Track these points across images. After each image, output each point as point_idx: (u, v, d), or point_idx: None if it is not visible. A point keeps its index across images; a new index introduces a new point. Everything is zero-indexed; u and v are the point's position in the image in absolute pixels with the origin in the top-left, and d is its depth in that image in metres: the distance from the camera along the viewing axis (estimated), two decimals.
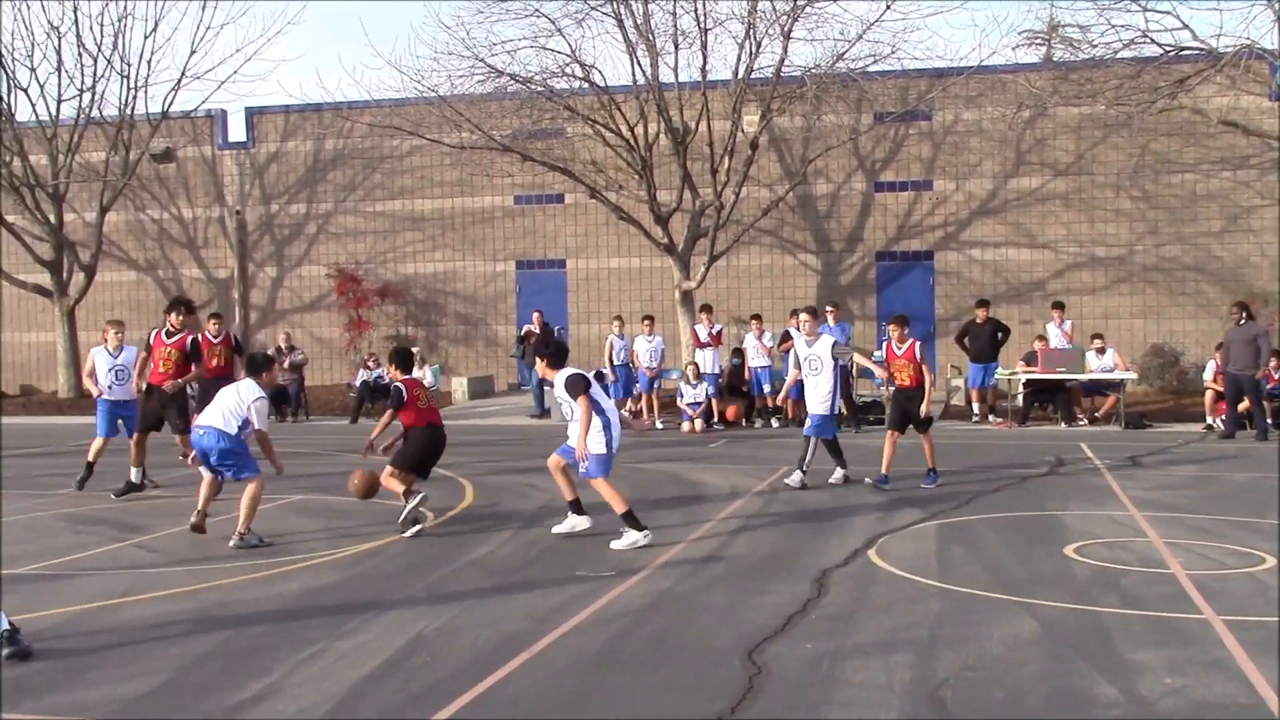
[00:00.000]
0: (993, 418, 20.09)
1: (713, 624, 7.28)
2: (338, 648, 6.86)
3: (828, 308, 20.48)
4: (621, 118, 22.32)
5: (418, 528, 10.41)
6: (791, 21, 21.42)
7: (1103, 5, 20.08)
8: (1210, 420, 18.63)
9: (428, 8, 54.08)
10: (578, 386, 9.89)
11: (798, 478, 12.85)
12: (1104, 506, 11.54)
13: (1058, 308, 21.13)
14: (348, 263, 27.39)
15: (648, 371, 20.22)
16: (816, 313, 13.45)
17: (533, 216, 26.93)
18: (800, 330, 13.41)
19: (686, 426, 19.60)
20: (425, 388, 11.27)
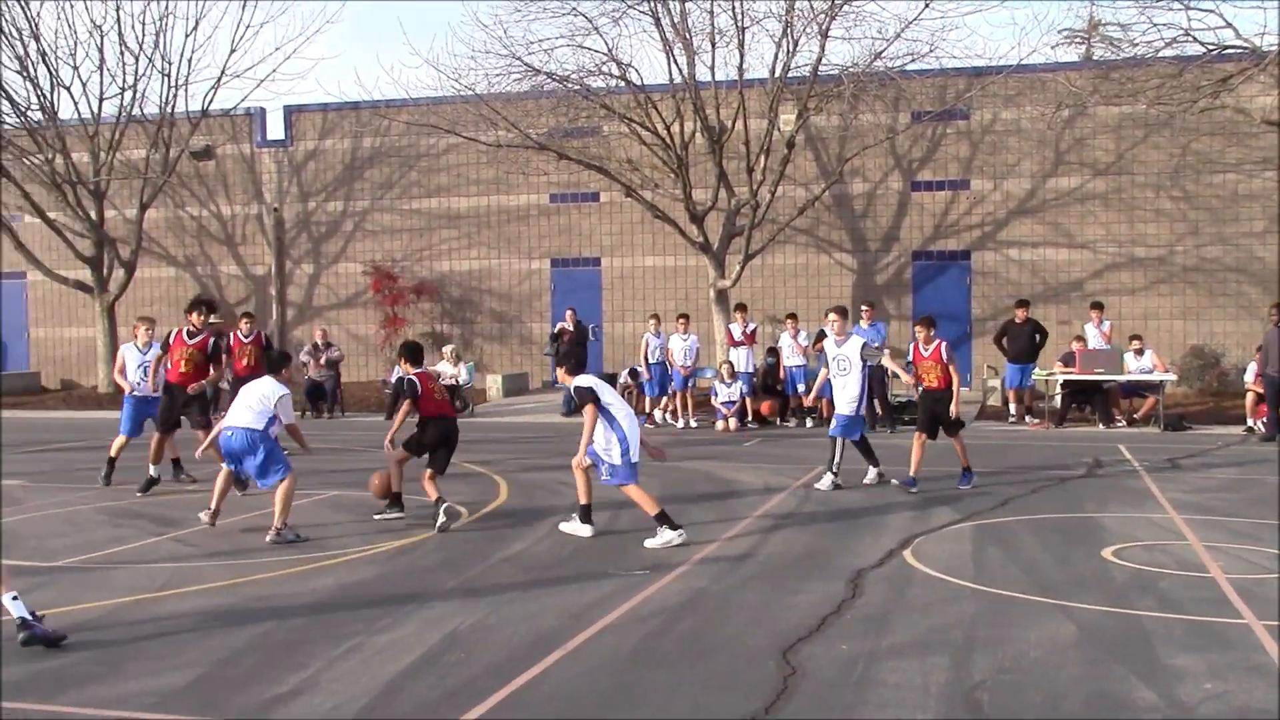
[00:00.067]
0: (1030, 419, 19.96)
1: (747, 623, 7.26)
2: (373, 643, 6.90)
3: (863, 307, 20.41)
4: (658, 116, 22.31)
5: (443, 519, 10.52)
6: (829, 20, 21.34)
7: (1144, 4, 19.85)
8: (1251, 423, 18.41)
9: (465, 7, 54.34)
10: (584, 396, 9.99)
11: (829, 480, 12.77)
12: (1143, 509, 11.43)
13: (1096, 308, 20.95)
14: (384, 260, 27.56)
15: (682, 370, 20.20)
16: (846, 312, 13.38)
17: (568, 215, 26.98)
18: (830, 330, 13.35)
19: (720, 425, 19.57)
20: (438, 380, 11.42)
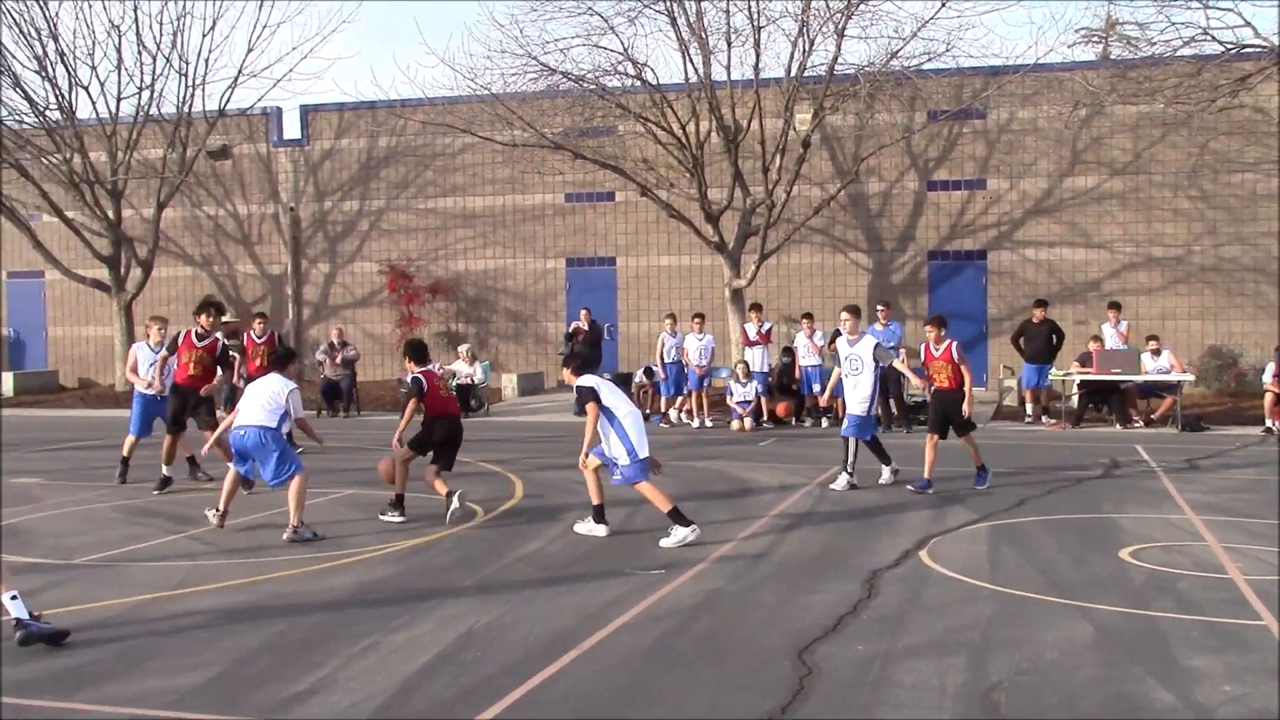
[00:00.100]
0: (1046, 419, 19.89)
1: (763, 623, 7.26)
2: (390, 641, 6.91)
3: (879, 307, 20.38)
4: (673, 115, 22.30)
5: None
6: (845, 19, 21.31)
7: (1162, 3, 19.75)
8: (1270, 423, 18.31)
9: (482, 6, 54.41)
10: (584, 396, 10.07)
11: (844, 481, 12.75)
12: (1160, 510, 11.38)
13: (1114, 308, 20.87)
14: (399, 259, 27.62)
15: (698, 370, 20.18)
16: (859, 311, 13.35)
17: (583, 214, 26.99)
18: (843, 329, 13.33)
19: (736, 425, 19.55)
20: (443, 378, 11.53)
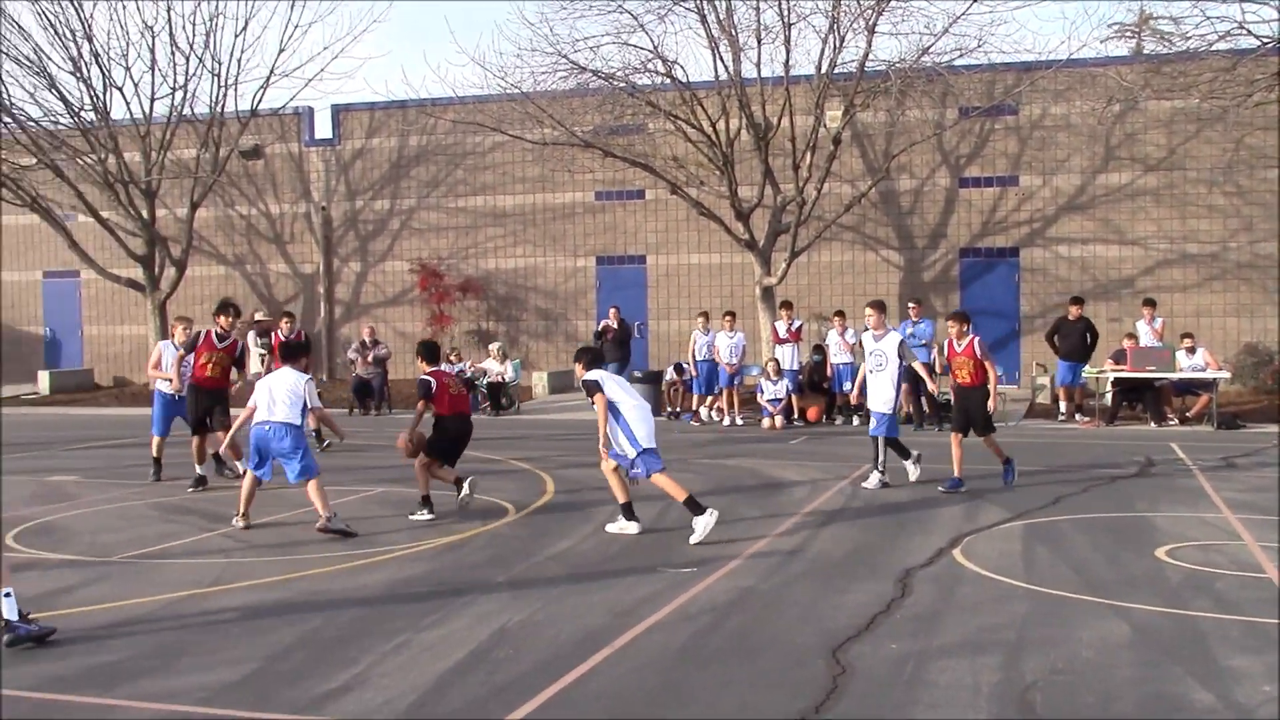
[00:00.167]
0: (1080, 417, 19.74)
1: (795, 622, 7.23)
2: (423, 639, 6.93)
3: (910, 304, 20.31)
4: (703, 113, 22.27)
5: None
6: (876, 15, 21.20)
7: None
8: None
9: (512, 5, 54.53)
10: (590, 388, 10.16)
11: (876, 479, 12.70)
12: (1196, 508, 11.27)
13: (1148, 305, 20.69)
14: (430, 258, 27.70)
15: (728, 367, 20.15)
16: (883, 306, 13.29)
17: (613, 212, 26.99)
18: (868, 324, 13.28)
19: (766, 423, 19.52)
20: (454, 377, 11.62)
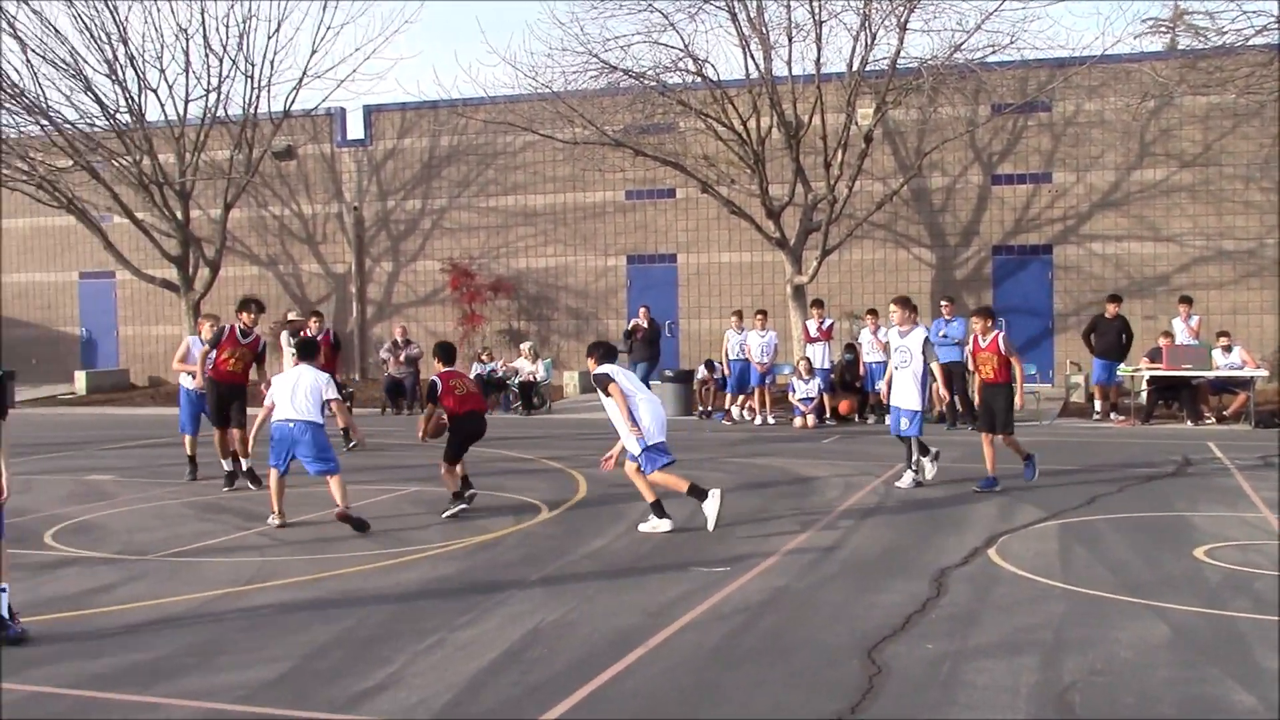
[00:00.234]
0: (1115, 415, 19.58)
1: (830, 621, 7.20)
2: (456, 638, 6.94)
3: (943, 303, 20.23)
4: (734, 112, 22.22)
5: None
6: (908, 12, 21.09)
7: None
8: None
9: (543, 5, 54.58)
10: (601, 381, 10.28)
11: (910, 478, 12.62)
12: (1235, 508, 11.15)
13: (1185, 302, 20.49)
14: (461, 257, 27.78)
15: (759, 366, 20.10)
16: (908, 303, 13.22)
17: (644, 211, 26.98)
18: (893, 320, 13.23)
19: (798, 422, 19.46)
20: (462, 378, 11.64)
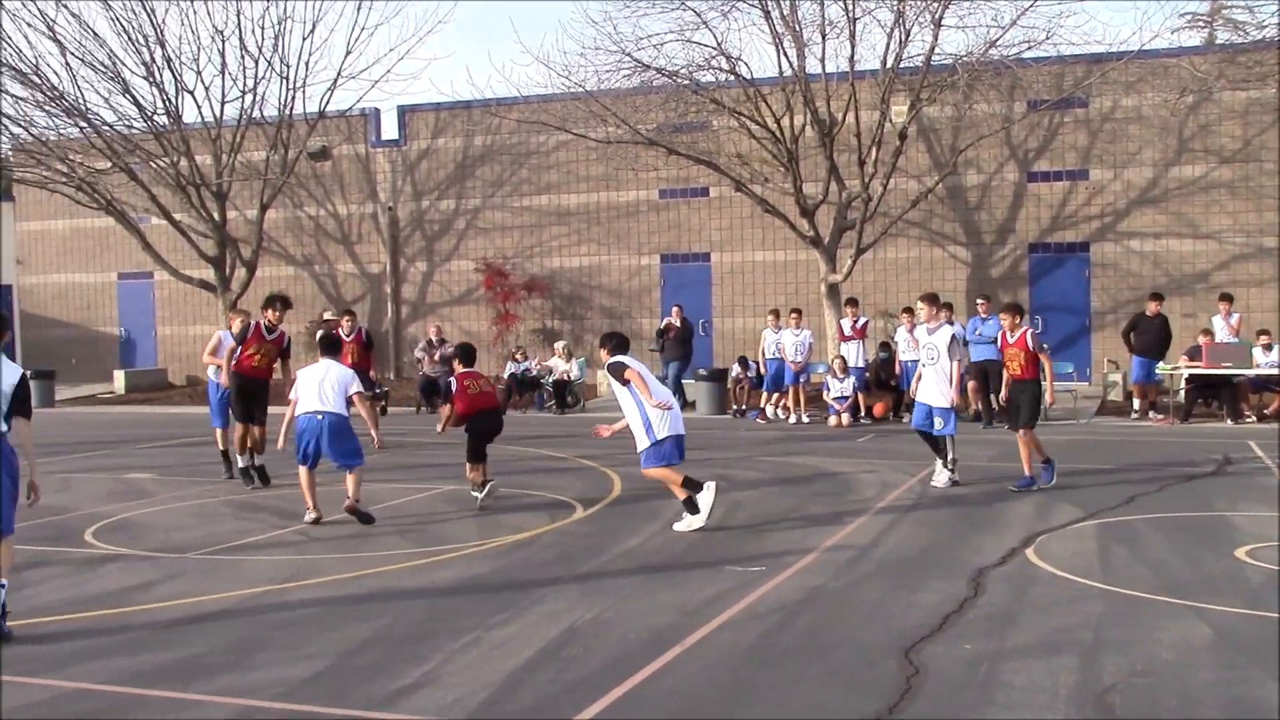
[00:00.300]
0: (1153, 414, 19.40)
1: (866, 621, 7.17)
2: (492, 637, 6.95)
3: (979, 301, 20.10)
4: (767, 110, 22.16)
5: (486, 489, 11.56)
6: (942, 9, 20.96)
7: None
8: None
9: (576, 5, 54.65)
10: (616, 370, 10.36)
11: (946, 477, 12.55)
12: (1276, 508, 11.01)
13: (1225, 299, 20.27)
14: (495, 257, 27.84)
15: (794, 365, 20.04)
16: (935, 299, 13.19)
17: (677, 210, 26.95)
18: (920, 318, 13.16)
19: (833, 421, 19.40)
20: (478, 377, 11.93)
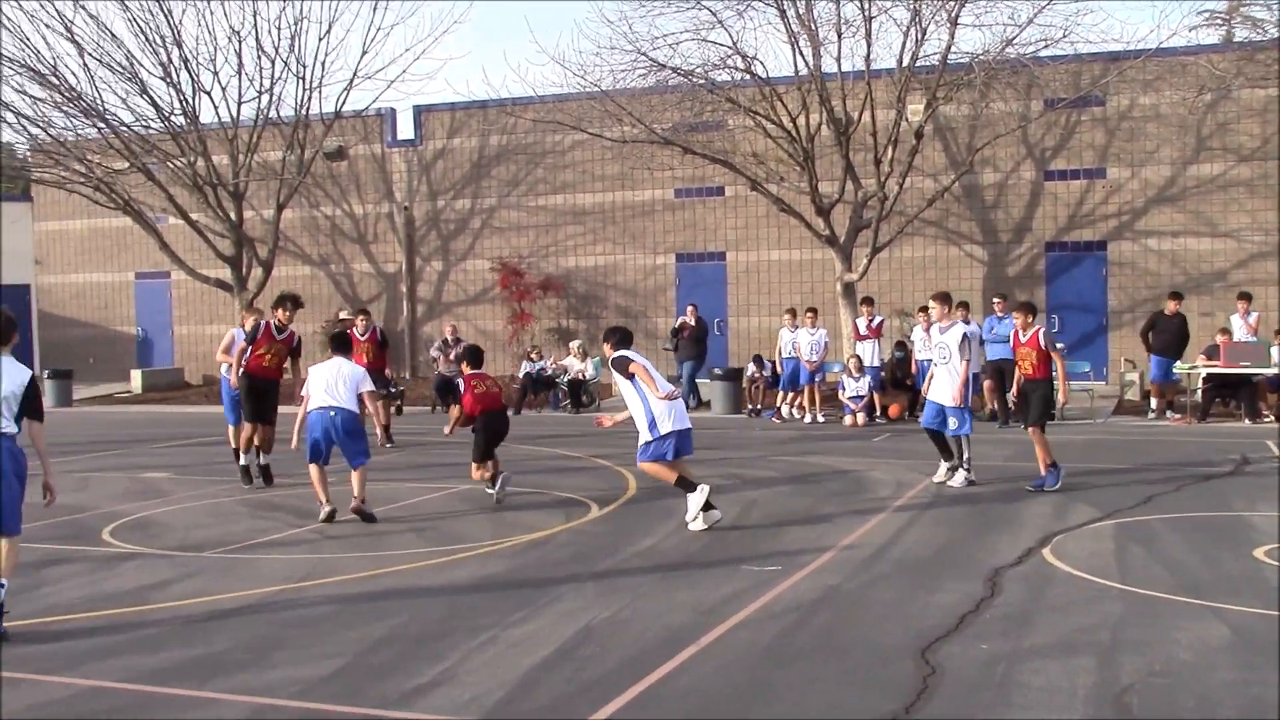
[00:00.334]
0: (1171, 413, 19.31)
1: (882, 621, 7.16)
2: (509, 636, 6.96)
3: (995, 299, 20.03)
4: (783, 109, 22.12)
5: (499, 482, 11.78)
6: (959, 7, 20.89)
7: None
8: None
9: (592, 4, 54.58)
10: (621, 365, 10.36)
11: (962, 477, 12.51)
12: None
13: (1244, 298, 20.16)
14: (511, 256, 27.86)
15: (809, 365, 20.00)
16: (947, 298, 13.16)
17: (693, 209, 26.94)
18: (932, 317, 13.13)
19: (849, 420, 19.36)
20: (485, 378, 12.19)
